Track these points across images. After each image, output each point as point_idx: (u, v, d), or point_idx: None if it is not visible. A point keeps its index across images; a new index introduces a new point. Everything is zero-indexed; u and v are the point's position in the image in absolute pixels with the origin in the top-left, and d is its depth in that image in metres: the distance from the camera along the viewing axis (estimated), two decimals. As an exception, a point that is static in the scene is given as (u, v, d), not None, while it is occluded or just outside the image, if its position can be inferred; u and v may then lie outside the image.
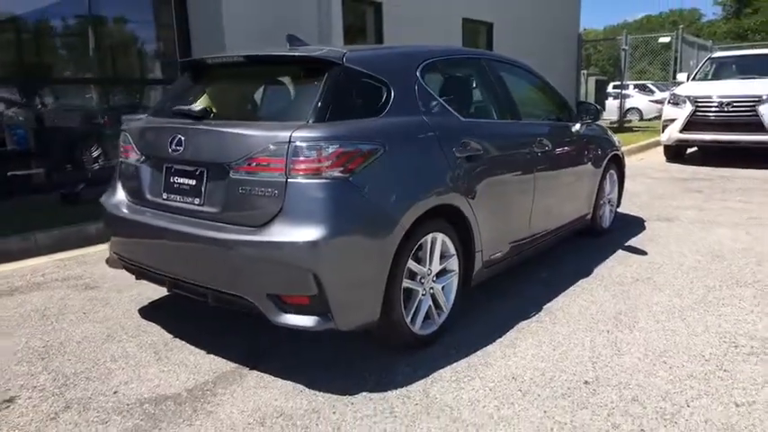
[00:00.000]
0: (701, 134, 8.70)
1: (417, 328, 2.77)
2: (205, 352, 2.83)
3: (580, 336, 2.98)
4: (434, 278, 2.87)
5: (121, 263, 3.05)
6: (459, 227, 2.96)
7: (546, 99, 4.20)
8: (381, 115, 2.68)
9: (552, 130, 3.93)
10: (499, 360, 2.73)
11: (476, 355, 2.77)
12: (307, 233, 2.31)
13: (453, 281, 2.98)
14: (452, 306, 2.99)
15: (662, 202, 6.29)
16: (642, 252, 4.43)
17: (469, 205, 2.96)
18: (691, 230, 5.06)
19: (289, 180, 2.35)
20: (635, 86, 19.87)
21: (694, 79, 9.87)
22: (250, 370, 2.65)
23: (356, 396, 2.42)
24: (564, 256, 4.32)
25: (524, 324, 3.14)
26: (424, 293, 2.81)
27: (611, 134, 5.01)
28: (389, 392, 2.45)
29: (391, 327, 2.62)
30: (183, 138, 2.66)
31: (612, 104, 16.31)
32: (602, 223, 4.84)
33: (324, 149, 2.36)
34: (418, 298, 2.77)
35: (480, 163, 3.08)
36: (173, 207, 2.75)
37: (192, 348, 2.87)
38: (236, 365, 2.70)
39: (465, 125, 3.12)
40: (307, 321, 2.40)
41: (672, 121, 8.94)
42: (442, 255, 2.89)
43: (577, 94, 13.98)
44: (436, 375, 2.59)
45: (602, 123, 4.75)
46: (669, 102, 9.17)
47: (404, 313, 2.66)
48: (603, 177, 4.66)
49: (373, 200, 2.47)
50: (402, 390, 2.47)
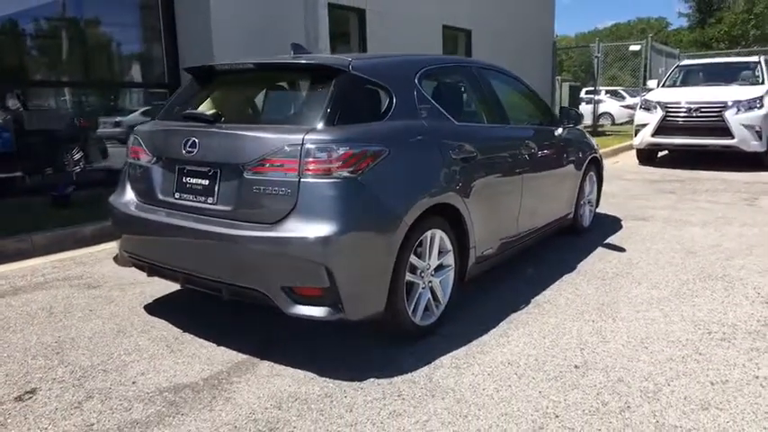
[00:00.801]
0: (672, 138, 9.09)
1: (418, 319, 2.95)
2: (215, 345, 2.96)
3: (568, 325, 3.20)
4: (433, 272, 3.05)
5: (132, 261, 3.17)
6: (454, 224, 3.15)
7: (530, 104, 4.43)
8: (385, 119, 2.86)
9: (538, 134, 4.16)
10: (494, 348, 2.93)
11: (472, 344, 2.96)
12: (320, 229, 2.47)
13: (450, 275, 3.17)
14: (449, 299, 3.17)
15: (637, 203, 6.59)
16: (621, 249, 4.69)
17: (465, 204, 3.15)
18: (665, 229, 5.34)
19: (302, 180, 2.52)
20: (607, 92, 20.46)
21: (664, 86, 10.28)
22: (261, 360, 2.80)
23: (365, 382, 2.59)
24: (548, 254, 4.55)
25: (515, 316, 3.34)
26: (424, 287, 2.99)
27: (589, 138, 5.27)
28: (396, 378, 2.62)
29: (395, 317, 2.80)
30: (197, 140, 2.80)
31: (586, 109, 16.76)
32: (582, 222, 5.10)
33: (334, 151, 2.53)
34: (419, 291, 2.95)
35: (474, 164, 3.27)
36: (185, 206, 2.88)
37: (203, 342, 3.00)
38: (247, 356, 2.84)
39: (459, 129, 3.32)
40: (318, 312, 2.56)
41: (644, 126, 9.32)
42: (440, 250, 3.07)
43: (553, 100, 14.36)
44: (438, 363, 2.77)
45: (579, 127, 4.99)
46: (641, 107, 9.55)
47: (406, 305, 2.84)
48: (584, 179, 4.92)
49: (380, 198, 2.65)
50: (407, 375, 2.65)
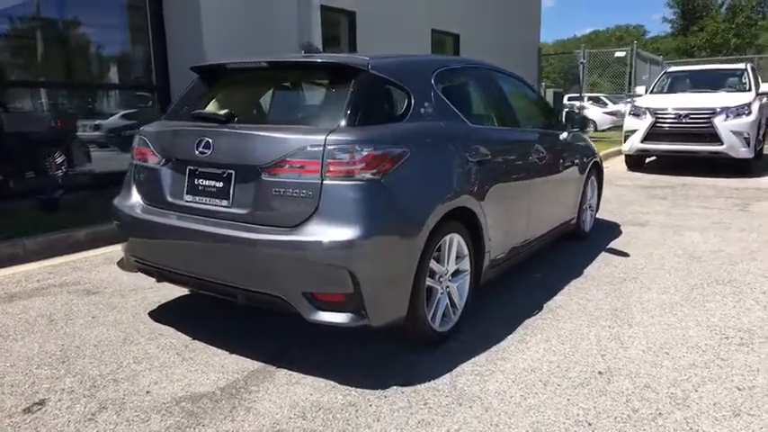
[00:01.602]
0: (661, 144, 9.18)
1: (437, 325, 2.89)
2: (228, 352, 2.86)
3: (584, 331, 3.16)
4: (450, 277, 2.99)
5: (139, 265, 3.05)
6: (471, 229, 3.09)
7: (537, 107, 4.41)
8: (404, 120, 2.80)
9: (546, 138, 4.14)
10: (515, 354, 2.88)
11: (492, 351, 2.91)
12: (344, 232, 2.40)
13: (466, 280, 3.12)
14: (465, 304, 3.12)
15: (632, 208, 6.62)
16: (624, 254, 4.69)
17: (480, 208, 3.10)
18: (664, 234, 5.36)
19: (324, 182, 2.44)
20: (589, 99, 20.65)
21: (652, 92, 10.39)
22: (277, 368, 2.71)
23: (388, 390, 2.52)
24: (553, 259, 4.52)
25: (530, 321, 3.30)
26: (442, 292, 2.93)
27: (590, 142, 5.27)
28: (419, 386, 2.55)
29: (416, 323, 2.73)
30: (211, 140, 2.70)
31: (570, 116, 16.90)
32: (584, 227, 5.09)
33: (357, 152, 2.46)
34: (437, 296, 2.89)
35: (488, 167, 3.23)
36: (197, 209, 2.78)
37: (214, 349, 2.90)
38: (261, 364, 2.75)
39: (474, 131, 3.28)
40: (341, 318, 2.49)
41: (633, 132, 9.40)
42: (457, 255, 3.02)
43: (539, 105, 14.42)
44: (459, 369, 2.71)
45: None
46: (630, 113, 9.63)
47: (426, 310, 2.78)
48: (586, 183, 4.91)
49: (403, 201, 2.59)
50: (430, 383, 2.58)
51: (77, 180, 6.78)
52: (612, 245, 4.98)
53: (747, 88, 9.66)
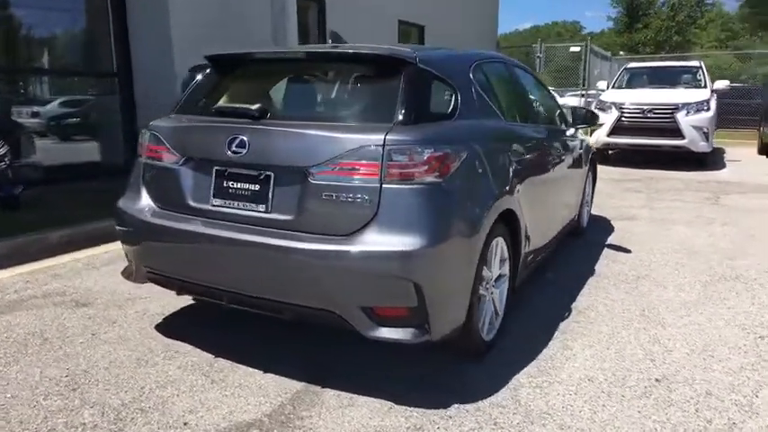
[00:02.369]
0: (627, 138, 9.38)
1: (485, 334, 2.73)
2: (261, 371, 2.60)
3: (623, 334, 3.08)
4: (494, 283, 2.84)
5: (152, 276, 2.73)
6: (511, 231, 2.95)
7: (549, 104, 4.30)
8: (454, 118, 2.61)
9: (560, 134, 4.05)
10: (564, 363, 2.76)
11: (540, 359, 2.78)
12: (407, 241, 2.19)
13: (505, 285, 2.97)
14: (504, 310, 2.97)
15: (613, 202, 6.69)
16: (626, 250, 4.68)
17: (520, 208, 2.96)
18: (654, 229, 5.41)
19: (383, 185, 2.22)
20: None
21: (614, 87, 10.60)
22: (322, 388, 2.48)
23: (450, 409, 2.34)
24: (558, 256, 4.45)
25: (564, 325, 3.19)
26: (489, 299, 2.77)
27: (586, 137, 5.24)
28: (481, 403, 2.39)
29: (470, 333, 2.56)
30: (246, 138, 2.42)
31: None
32: (582, 223, 5.06)
33: (419, 153, 2.26)
34: (485, 303, 2.73)
35: (523, 166, 3.09)
36: (227, 214, 2.50)
37: (245, 368, 2.63)
38: (303, 383, 2.51)
39: (509, 128, 3.13)
40: (403, 334, 2.28)
41: (599, 126, 9.54)
42: (501, 259, 2.87)
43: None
44: (515, 382, 2.56)
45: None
46: (596, 107, 9.77)
47: (478, 319, 2.61)
48: (587, 178, 4.87)
49: (462, 204, 2.41)
50: (491, 399, 2.42)
51: (24, 173, 6.19)
52: (611, 240, 4.97)
53: (703, 85, 10.00)
